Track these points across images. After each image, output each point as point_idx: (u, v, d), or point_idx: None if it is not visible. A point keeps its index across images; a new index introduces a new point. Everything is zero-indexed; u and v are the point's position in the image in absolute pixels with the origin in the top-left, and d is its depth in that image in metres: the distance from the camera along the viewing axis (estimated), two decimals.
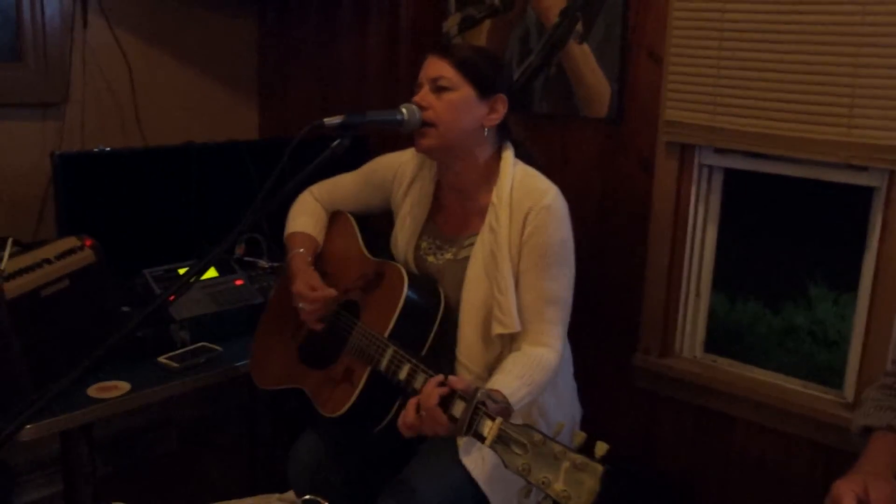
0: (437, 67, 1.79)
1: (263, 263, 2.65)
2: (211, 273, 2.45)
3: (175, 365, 2.16)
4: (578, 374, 2.08)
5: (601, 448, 1.24)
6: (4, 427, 1.40)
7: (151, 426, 3.14)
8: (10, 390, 1.85)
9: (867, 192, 2.12)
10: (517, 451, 1.28)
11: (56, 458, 2.65)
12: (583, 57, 2.47)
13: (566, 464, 1.23)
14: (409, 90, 1.91)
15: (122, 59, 2.93)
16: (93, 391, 1.99)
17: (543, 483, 1.23)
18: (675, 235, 2.41)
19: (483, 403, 1.40)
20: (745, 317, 2.49)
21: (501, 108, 1.82)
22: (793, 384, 2.33)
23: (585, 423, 2.30)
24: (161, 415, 3.13)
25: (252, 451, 2.82)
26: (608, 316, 2.57)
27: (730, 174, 2.37)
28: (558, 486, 1.22)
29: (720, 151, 2.32)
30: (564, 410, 1.93)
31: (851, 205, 2.18)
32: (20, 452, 2.70)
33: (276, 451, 2.70)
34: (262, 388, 2.02)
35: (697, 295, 2.46)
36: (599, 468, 1.22)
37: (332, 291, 1.85)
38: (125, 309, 2.29)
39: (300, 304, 1.85)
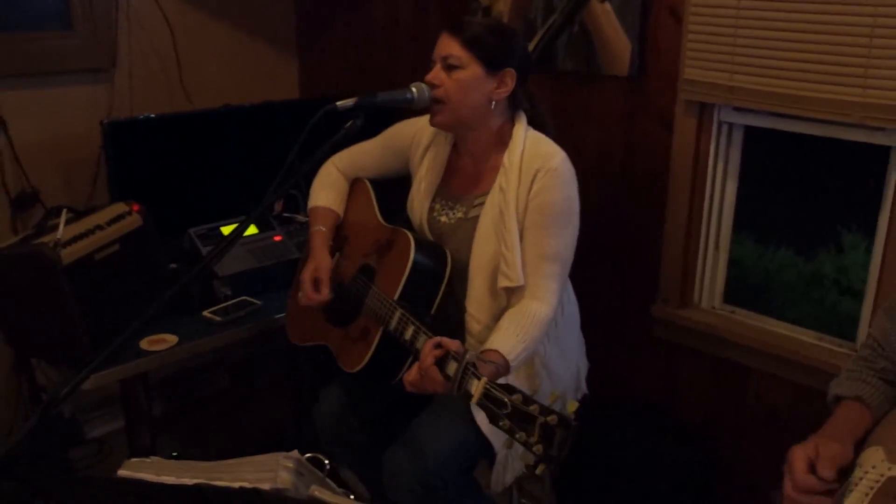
0: (448, 46, 1.96)
1: (301, 218, 2.88)
2: (251, 230, 2.70)
3: (218, 318, 2.43)
4: (600, 324, 2.22)
5: (572, 406, 1.46)
6: (68, 381, 1.66)
7: (205, 366, 3.46)
8: (71, 345, 2.13)
9: (886, 151, 2.22)
10: (500, 408, 1.50)
11: (118, 397, 2.97)
12: (604, 15, 2.60)
13: (541, 420, 1.44)
14: None
15: (164, 22, 3.13)
16: (144, 344, 2.26)
17: (520, 437, 1.45)
18: (694, 191, 2.55)
19: (473, 364, 1.61)
20: (774, 265, 2.61)
21: (510, 82, 1.99)
22: (807, 336, 2.47)
23: (608, 371, 2.51)
24: (213, 356, 3.44)
25: (295, 392, 3.11)
26: (629, 267, 2.75)
27: (753, 128, 2.48)
28: (533, 439, 1.44)
29: (739, 109, 2.44)
30: (568, 363, 2.14)
31: (872, 160, 2.29)
32: (85, 394, 3.05)
33: (315, 390, 2.99)
34: (295, 344, 2.28)
35: (717, 248, 2.62)
36: (570, 424, 1.43)
37: (325, 296, 2.09)
38: (173, 266, 2.56)
39: (299, 292, 2.10)
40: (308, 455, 1.35)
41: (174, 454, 2.82)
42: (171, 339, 2.31)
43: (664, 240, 2.64)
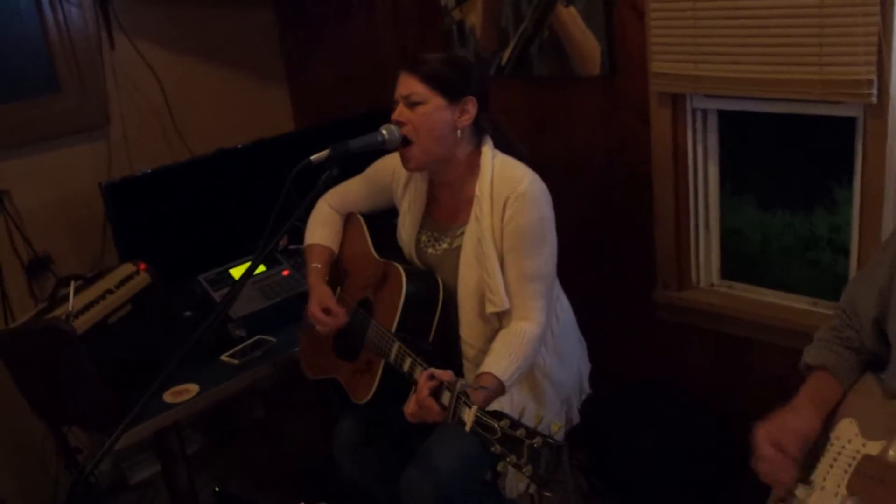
0: (408, 84, 2.09)
1: None
2: (259, 268, 2.83)
3: (236, 361, 2.55)
4: (605, 316, 2.30)
5: (555, 426, 1.60)
6: (97, 449, 1.80)
7: (239, 396, 3.59)
8: (97, 410, 2.25)
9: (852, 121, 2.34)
10: (491, 434, 1.64)
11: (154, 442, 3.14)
12: (571, 19, 2.71)
13: (528, 443, 1.58)
14: None
15: (152, 74, 3.27)
16: (167, 397, 2.39)
17: (510, 460, 1.59)
18: (678, 177, 2.68)
19: (464, 393, 1.75)
20: (773, 229, 2.69)
21: (472, 109, 2.11)
22: (801, 304, 2.61)
23: (617, 359, 2.61)
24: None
25: (324, 417, 3.26)
26: (626, 257, 2.89)
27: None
28: (523, 461, 1.58)
29: (710, 96, 2.56)
30: (569, 369, 2.27)
31: (842, 130, 2.39)
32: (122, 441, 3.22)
33: (344, 409, 3.13)
34: (310, 378, 2.43)
35: (707, 228, 2.74)
36: (555, 445, 1.57)
37: (342, 316, 2.22)
38: (187, 314, 2.70)
39: (317, 325, 2.23)
40: None
41: (216, 489, 3.01)
42: (193, 388, 2.43)
43: (655, 227, 2.77)
